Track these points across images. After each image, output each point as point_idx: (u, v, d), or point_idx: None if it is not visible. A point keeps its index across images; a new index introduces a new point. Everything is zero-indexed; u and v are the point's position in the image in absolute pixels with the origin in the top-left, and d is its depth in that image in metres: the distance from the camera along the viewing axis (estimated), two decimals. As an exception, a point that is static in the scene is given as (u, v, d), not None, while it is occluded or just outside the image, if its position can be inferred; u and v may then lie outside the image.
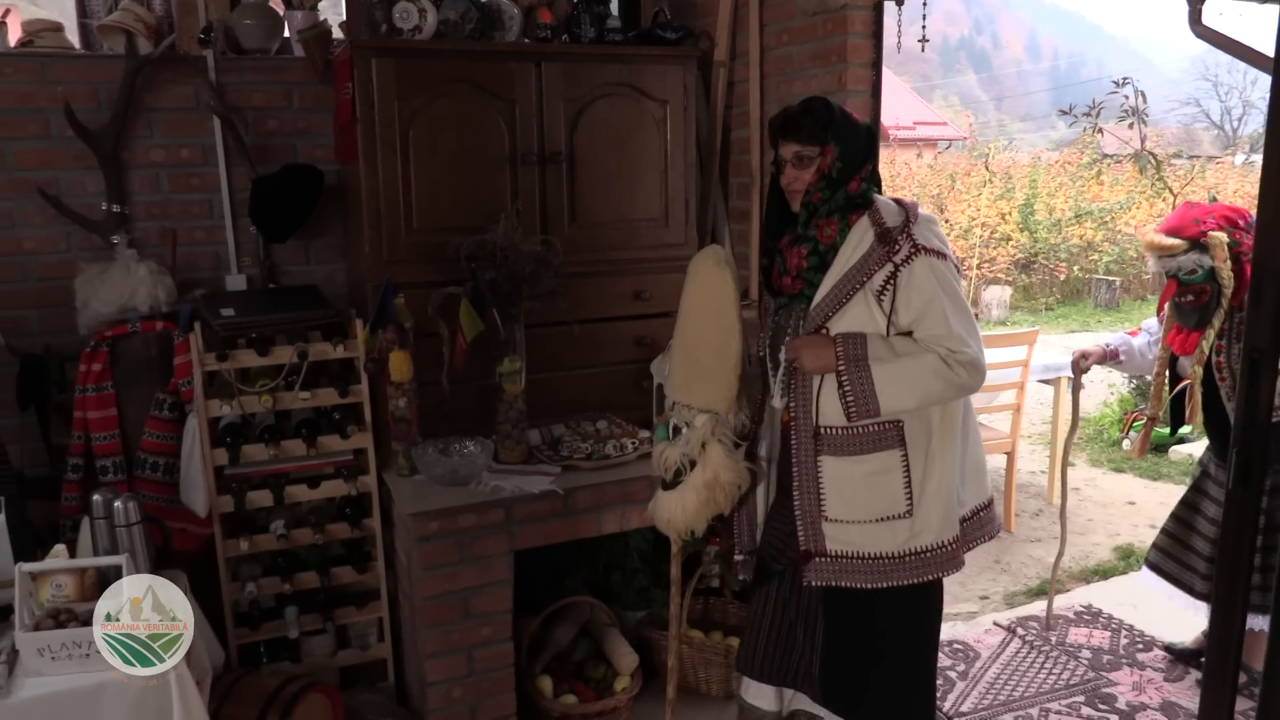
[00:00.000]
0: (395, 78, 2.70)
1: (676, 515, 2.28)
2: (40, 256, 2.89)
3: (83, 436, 2.73)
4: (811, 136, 2.12)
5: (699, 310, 2.27)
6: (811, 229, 2.14)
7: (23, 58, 2.82)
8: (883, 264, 2.05)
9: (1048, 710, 2.96)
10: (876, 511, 2.13)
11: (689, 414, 2.27)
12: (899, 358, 2.03)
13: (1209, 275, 2.79)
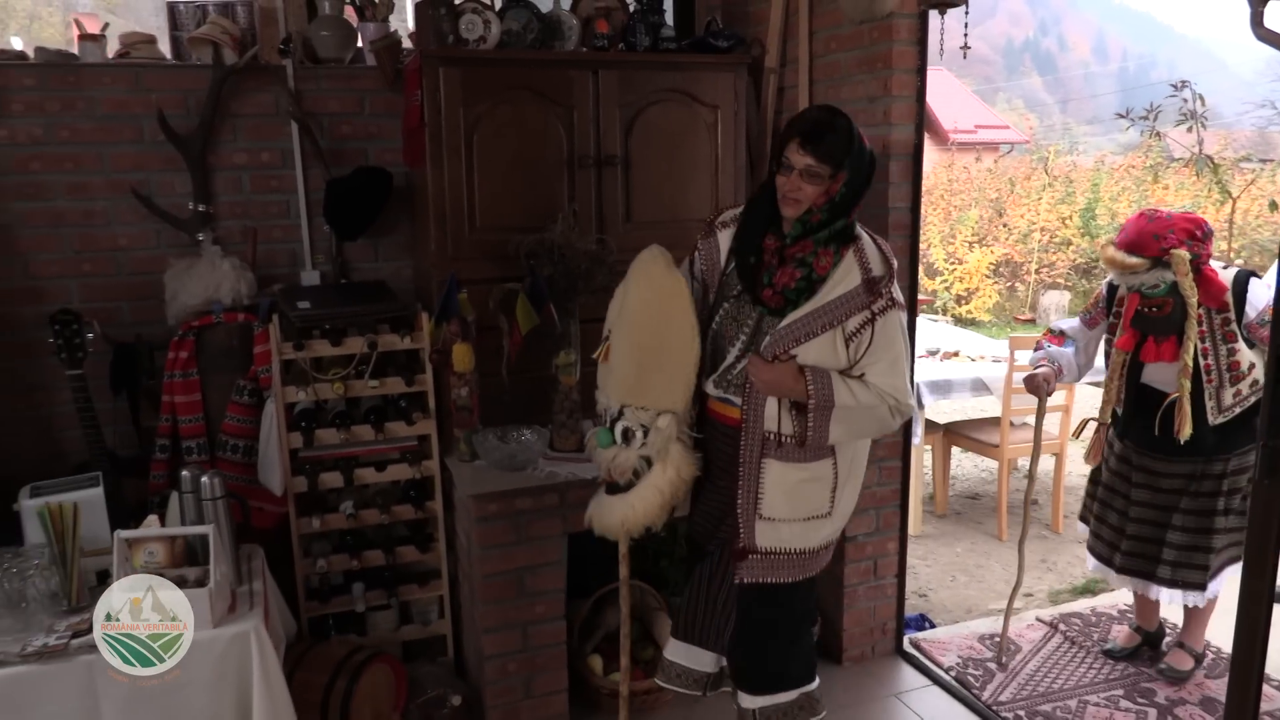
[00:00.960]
0: (461, 85, 2.86)
1: (633, 516, 2.30)
2: (132, 252, 3.11)
3: (170, 419, 2.94)
4: (829, 155, 2.13)
5: (655, 313, 2.27)
6: (807, 254, 2.17)
7: (120, 68, 3.04)
8: (862, 310, 2.15)
9: (1085, 703, 3.02)
10: (805, 512, 2.28)
11: (644, 415, 2.27)
12: (859, 407, 2.17)
13: (1172, 288, 2.81)
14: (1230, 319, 2.82)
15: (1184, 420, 2.84)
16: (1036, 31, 77.05)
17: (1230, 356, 2.83)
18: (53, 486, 2.53)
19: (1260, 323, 2.78)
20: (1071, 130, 35.37)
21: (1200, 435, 2.88)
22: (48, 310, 2.94)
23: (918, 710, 3.00)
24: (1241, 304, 2.81)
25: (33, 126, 2.96)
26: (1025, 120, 27.00)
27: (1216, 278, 2.80)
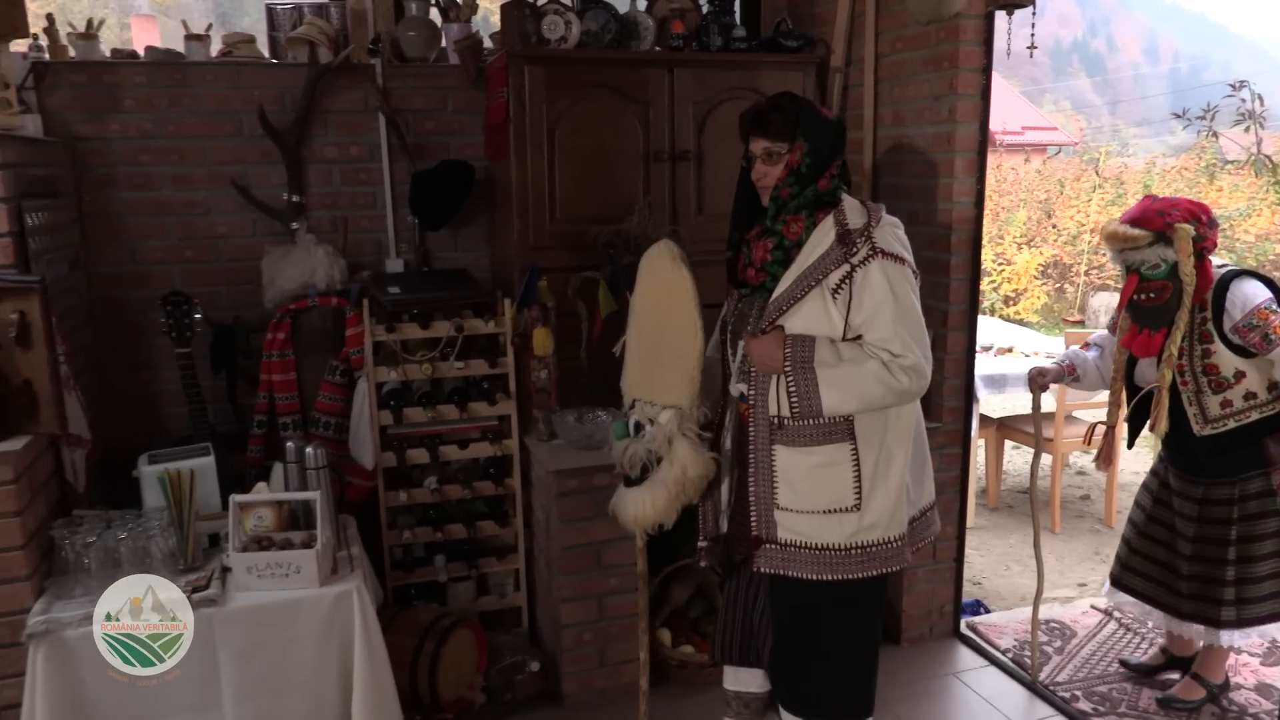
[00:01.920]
0: (544, 83, 3.01)
1: (644, 511, 2.28)
2: (230, 240, 3.30)
3: (268, 397, 3.12)
4: (780, 132, 2.14)
5: (659, 307, 2.27)
6: (779, 224, 2.17)
7: (223, 66, 3.23)
8: (840, 264, 2.07)
9: (1141, 685, 3.09)
10: (824, 503, 2.15)
11: (651, 410, 2.28)
12: (842, 363, 2.07)
13: (1171, 271, 2.65)
14: (1207, 318, 2.67)
15: (1160, 412, 2.72)
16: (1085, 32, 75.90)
17: (1205, 359, 2.69)
18: (167, 455, 2.71)
19: (1247, 326, 2.61)
20: (1121, 132, 34.88)
21: (1189, 449, 2.77)
22: (153, 294, 3.17)
23: (976, 688, 3.09)
24: (1220, 304, 2.65)
25: (143, 121, 3.16)
26: (1074, 122, 26.71)
27: (1210, 270, 2.67)
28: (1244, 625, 2.77)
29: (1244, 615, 2.76)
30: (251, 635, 2.37)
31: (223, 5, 40.42)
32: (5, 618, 2.34)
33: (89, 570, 2.40)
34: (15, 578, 2.34)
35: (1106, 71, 70.07)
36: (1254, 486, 2.74)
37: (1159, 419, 2.73)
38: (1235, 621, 2.76)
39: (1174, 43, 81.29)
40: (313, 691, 2.43)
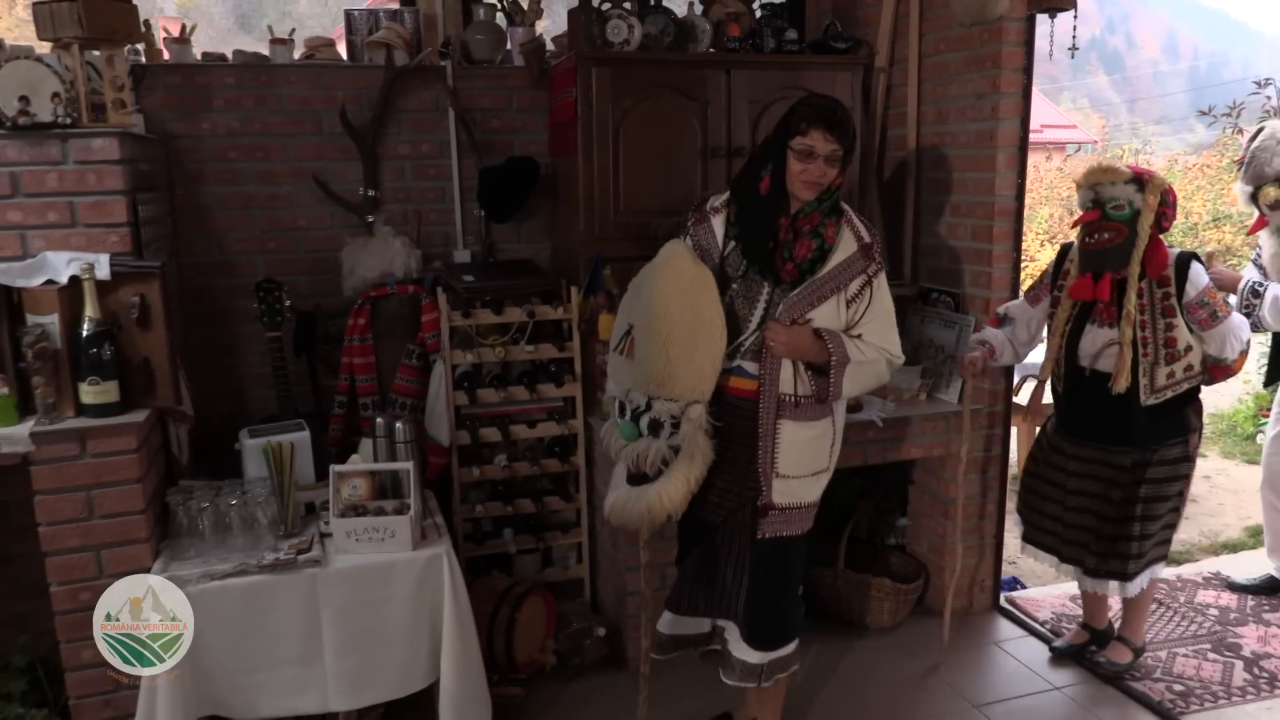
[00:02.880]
0: (610, 83, 3.20)
1: (659, 506, 2.39)
2: (310, 232, 3.50)
3: (349, 379, 3.32)
4: (848, 139, 2.35)
5: (685, 306, 2.35)
6: (817, 225, 2.37)
7: (305, 68, 3.43)
8: (860, 274, 2.41)
9: (1175, 654, 3.26)
10: (812, 468, 2.51)
11: (673, 407, 2.35)
12: (864, 362, 2.43)
13: (1132, 219, 2.74)
14: (1171, 294, 2.78)
15: (1123, 366, 2.80)
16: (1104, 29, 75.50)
17: (1168, 332, 2.80)
18: (265, 430, 2.91)
19: (1198, 303, 2.77)
20: (1140, 130, 34.79)
21: (1133, 418, 2.87)
22: (238, 283, 3.38)
23: (1017, 656, 3.26)
24: (1183, 282, 2.78)
25: (231, 120, 3.36)
26: (1093, 120, 26.70)
27: (1164, 248, 2.79)
28: (1140, 573, 2.99)
29: (1153, 560, 3.01)
30: (350, 594, 2.56)
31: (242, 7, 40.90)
32: (130, 576, 2.55)
33: (202, 534, 2.60)
34: (137, 539, 2.55)
35: (1125, 69, 69.73)
36: (1173, 453, 2.92)
37: (1120, 376, 2.81)
38: (1138, 572, 2.96)
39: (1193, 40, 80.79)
40: (405, 647, 2.63)
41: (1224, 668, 3.16)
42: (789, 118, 2.40)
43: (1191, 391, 2.92)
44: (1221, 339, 2.81)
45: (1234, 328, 2.82)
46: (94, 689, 2.57)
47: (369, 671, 2.60)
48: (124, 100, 2.71)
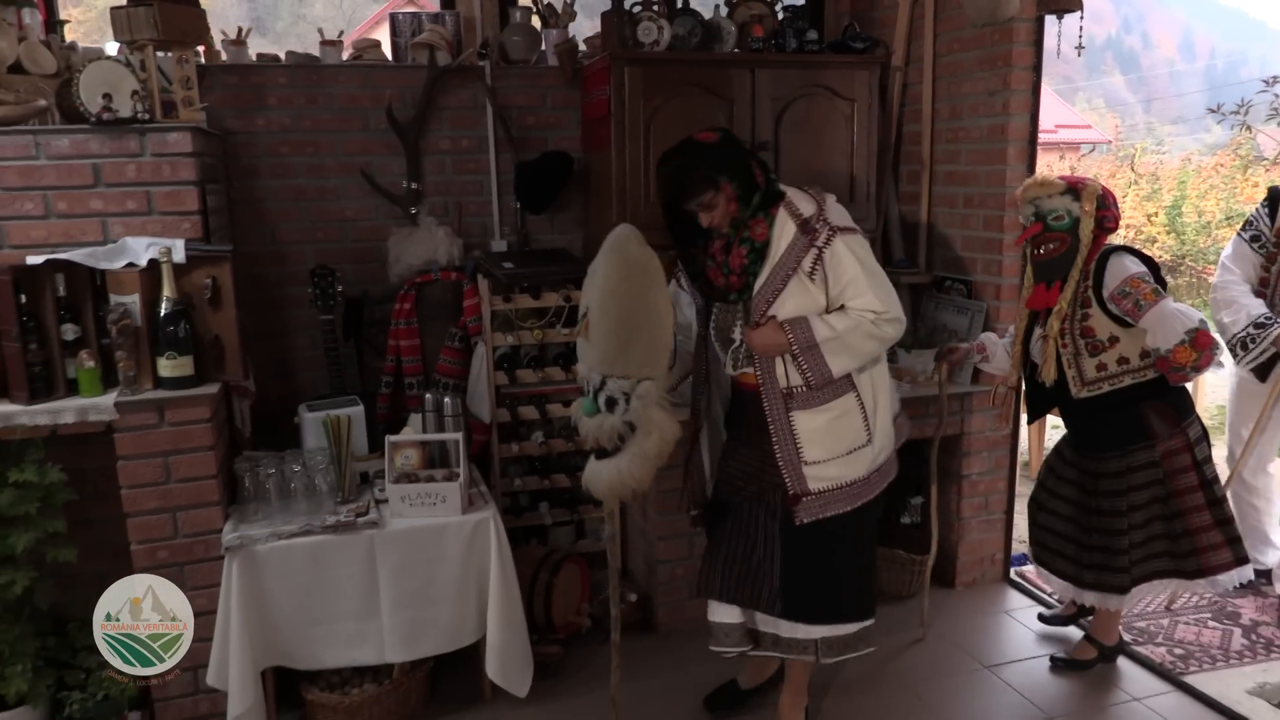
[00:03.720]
0: (642, 82, 3.39)
1: (625, 481, 2.44)
2: (357, 223, 3.71)
3: (395, 360, 3.53)
4: (699, 191, 2.41)
5: (630, 286, 2.38)
6: (746, 232, 2.45)
7: (353, 68, 3.64)
8: (808, 250, 2.42)
9: (1176, 622, 3.43)
10: (845, 447, 2.53)
11: (625, 384, 2.40)
12: (839, 334, 2.42)
13: (1073, 226, 2.83)
14: (1088, 286, 2.84)
15: (1048, 360, 2.90)
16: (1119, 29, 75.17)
17: (1083, 321, 2.85)
18: (322, 405, 3.12)
19: (1120, 293, 2.78)
20: (1155, 130, 34.72)
21: (1074, 414, 2.97)
22: (289, 271, 3.60)
23: (1026, 624, 3.44)
24: (1101, 274, 2.82)
25: (283, 117, 3.57)
26: (1108, 120, 26.72)
27: (1102, 244, 2.87)
28: (1134, 584, 2.97)
29: (1135, 575, 2.95)
30: (405, 554, 2.77)
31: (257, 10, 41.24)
32: (200, 537, 2.77)
33: (268, 498, 2.82)
34: (209, 502, 2.77)
35: (1141, 69, 69.41)
36: (1140, 459, 2.90)
37: (1047, 368, 2.92)
38: (1129, 585, 2.95)
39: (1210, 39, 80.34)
40: (455, 604, 2.84)
41: (1223, 634, 3.33)
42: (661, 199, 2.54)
43: (1143, 389, 2.87)
44: (1152, 329, 2.74)
45: (1165, 316, 2.72)
46: (169, 641, 2.79)
47: (422, 626, 2.81)
48: (192, 98, 2.93)
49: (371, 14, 19.99)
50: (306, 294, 3.47)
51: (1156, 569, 2.95)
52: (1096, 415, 2.93)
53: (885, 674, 3.14)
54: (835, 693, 3.04)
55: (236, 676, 2.63)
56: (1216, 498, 2.91)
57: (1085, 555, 3.02)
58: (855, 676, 3.10)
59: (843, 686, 3.07)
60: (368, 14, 21.58)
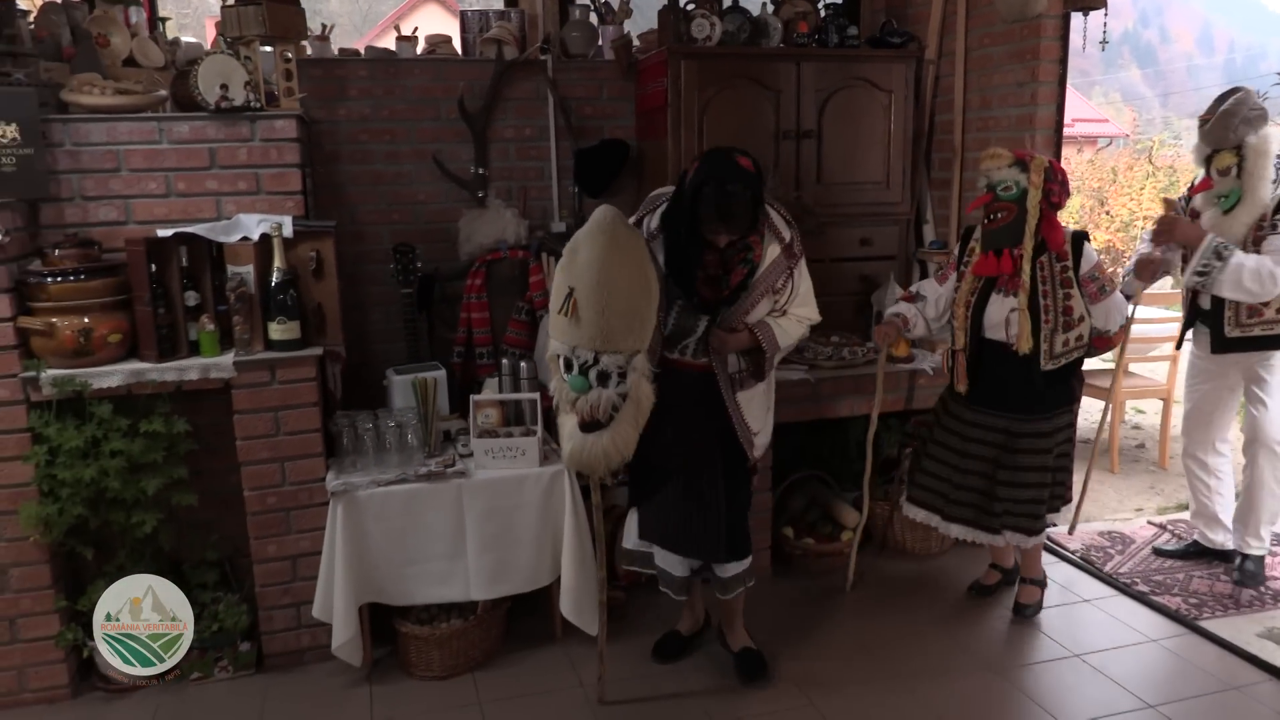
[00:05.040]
0: (696, 74, 3.67)
1: (613, 451, 2.59)
2: (428, 205, 4.00)
3: (466, 331, 3.82)
4: (748, 227, 2.68)
5: (616, 265, 2.47)
6: (749, 254, 2.74)
7: (427, 62, 3.93)
8: (784, 272, 2.80)
9: (1191, 576, 3.69)
10: (765, 411, 3.03)
11: (619, 359, 2.51)
12: (790, 337, 2.88)
13: (1021, 197, 3.01)
14: (1069, 267, 3.05)
15: (1023, 332, 3.06)
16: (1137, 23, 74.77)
17: (1065, 301, 3.05)
18: (408, 369, 3.42)
19: (1090, 277, 3.06)
20: (1173, 124, 34.71)
21: (1034, 383, 3.12)
22: (367, 250, 3.89)
23: (1053, 577, 3.69)
24: (1078, 257, 3.06)
25: (363, 107, 3.86)
26: (1125, 114, 26.79)
27: (1060, 226, 3.05)
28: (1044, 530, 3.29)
29: (1048, 522, 3.30)
30: (489, 502, 3.06)
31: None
32: (305, 485, 3.07)
33: (364, 451, 3.11)
34: (313, 454, 3.06)
35: (1159, 63, 69.10)
36: (1064, 420, 3.22)
37: (1023, 339, 3.07)
38: (1042, 529, 3.26)
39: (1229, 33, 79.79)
40: (533, 548, 3.12)
41: (1234, 587, 3.59)
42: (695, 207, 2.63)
43: (1079, 361, 3.19)
44: (1106, 312, 3.10)
45: (1117, 303, 3.12)
46: (276, 579, 3.09)
47: (503, 567, 3.10)
48: (293, 89, 3.21)
49: (390, 11, 20.29)
50: (382, 271, 3.77)
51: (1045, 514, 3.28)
52: (1049, 385, 3.14)
53: (923, 618, 3.42)
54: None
55: (340, 610, 2.93)
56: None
57: (997, 504, 3.26)
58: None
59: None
60: (384, 10, 21.86)
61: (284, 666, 3.15)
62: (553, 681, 3.05)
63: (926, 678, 3.06)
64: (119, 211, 3.00)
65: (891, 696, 2.96)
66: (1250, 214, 3.24)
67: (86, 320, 2.81)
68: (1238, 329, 3.38)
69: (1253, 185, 3.21)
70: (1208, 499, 3.75)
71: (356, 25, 25.23)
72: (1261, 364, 3.43)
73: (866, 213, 4.00)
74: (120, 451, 2.84)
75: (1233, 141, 3.24)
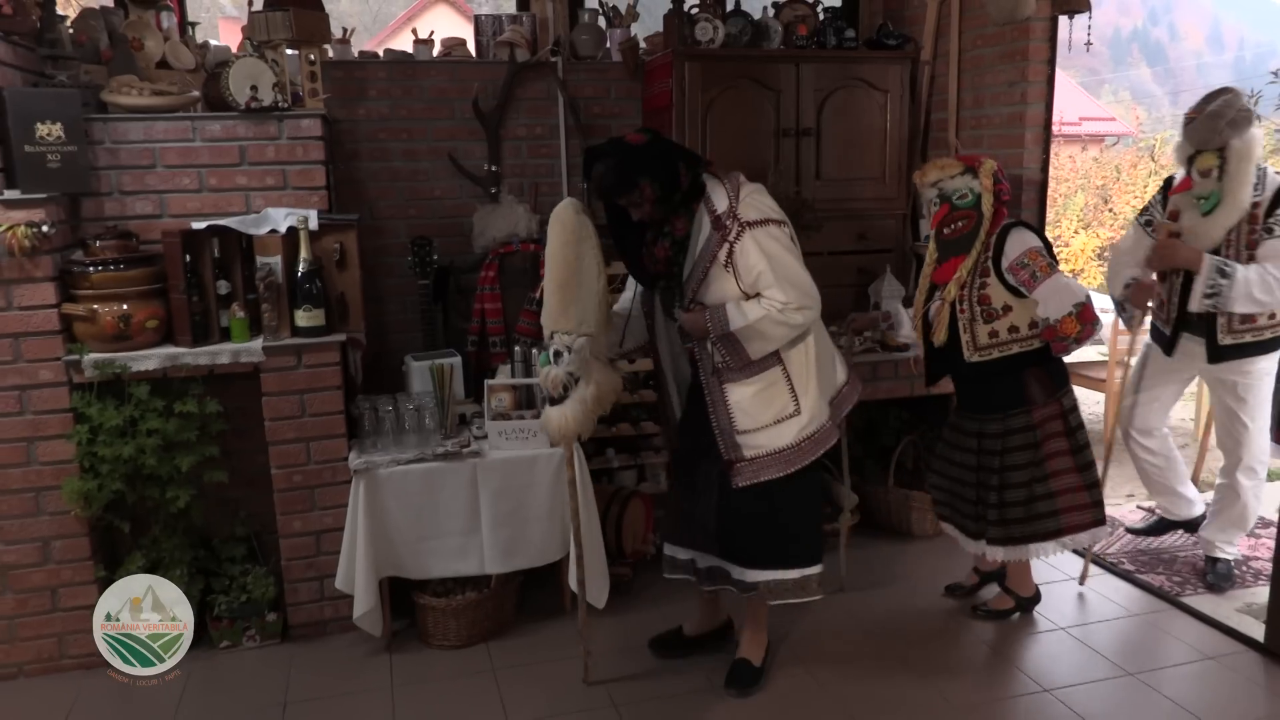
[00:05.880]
0: (700, 75, 3.84)
1: (566, 425, 2.71)
2: (444, 201, 4.18)
3: (480, 321, 3.99)
4: (621, 191, 2.63)
5: (570, 252, 2.61)
6: (667, 227, 2.68)
7: (443, 64, 4.11)
8: (721, 245, 2.63)
9: (1176, 556, 3.85)
10: (772, 416, 2.74)
11: (568, 339, 2.65)
12: (751, 323, 2.62)
13: (976, 203, 3.03)
14: (988, 256, 3.03)
15: (940, 323, 3.10)
16: (1146, 21, 74.47)
17: (980, 289, 3.04)
18: (425, 356, 3.59)
19: (1019, 264, 2.98)
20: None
21: (965, 376, 3.17)
22: (385, 243, 4.07)
23: (1055, 565, 3.81)
24: (1001, 245, 3.02)
25: (381, 107, 4.04)
26: (1133, 112, 26.83)
27: (1003, 216, 3.07)
28: (1007, 544, 3.19)
29: (1009, 534, 3.17)
30: (503, 480, 3.24)
31: (288, 4, 41.74)
32: (328, 464, 3.25)
33: (384, 432, 3.29)
34: (336, 434, 3.24)
35: (1168, 60, 68.85)
36: (1017, 423, 3.11)
37: (939, 329, 3.11)
38: (1001, 539, 3.18)
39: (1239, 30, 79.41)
40: (544, 525, 3.30)
41: (1209, 589, 3.74)
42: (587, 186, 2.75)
43: (1027, 358, 3.08)
44: (1043, 299, 2.95)
45: (1058, 288, 2.93)
46: (301, 553, 3.28)
47: (516, 543, 3.27)
48: (317, 89, 3.39)
49: (400, 13, 20.43)
50: (399, 264, 3.96)
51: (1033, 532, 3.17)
52: (985, 380, 3.14)
53: (920, 598, 3.58)
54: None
55: (361, 582, 3.11)
56: (1087, 462, 3.17)
57: (973, 508, 3.26)
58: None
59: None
60: (395, 12, 22.01)
61: (308, 637, 3.33)
62: (562, 651, 3.22)
63: (919, 646, 3.23)
64: (154, 205, 3.18)
65: (884, 667, 3.12)
66: (1230, 218, 3.21)
67: (125, 307, 2.99)
68: (1230, 336, 3.32)
69: (1233, 189, 3.18)
70: (1161, 476, 3.78)
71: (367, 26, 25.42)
72: (1243, 382, 3.40)
73: (864, 208, 4.16)
74: (156, 430, 3.03)
75: (1217, 143, 3.18)
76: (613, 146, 2.70)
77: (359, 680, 3.08)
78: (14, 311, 2.92)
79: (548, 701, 2.94)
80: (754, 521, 2.83)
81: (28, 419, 2.99)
